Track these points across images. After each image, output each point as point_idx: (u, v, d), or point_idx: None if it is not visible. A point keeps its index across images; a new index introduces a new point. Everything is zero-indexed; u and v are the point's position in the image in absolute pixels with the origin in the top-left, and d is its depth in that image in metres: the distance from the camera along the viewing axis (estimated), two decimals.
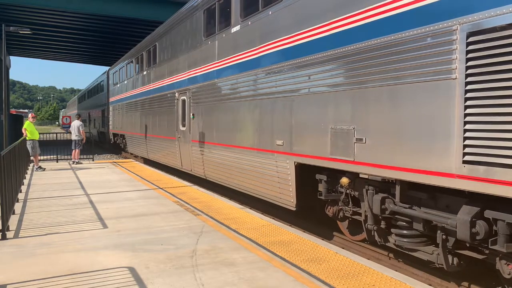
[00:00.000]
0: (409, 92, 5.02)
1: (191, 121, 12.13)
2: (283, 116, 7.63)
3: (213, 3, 10.40)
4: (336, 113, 6.27)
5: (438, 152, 4.65)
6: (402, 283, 4.47)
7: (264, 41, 8.18)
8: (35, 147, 14.78)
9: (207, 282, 4.53)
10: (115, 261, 5.25)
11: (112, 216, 7.71)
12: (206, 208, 8.39)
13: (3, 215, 6.46)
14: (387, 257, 6.50)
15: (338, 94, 6.21)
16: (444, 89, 4.59)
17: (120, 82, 23.46)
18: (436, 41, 4.64)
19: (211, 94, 10.80)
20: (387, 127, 5.35)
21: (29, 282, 4.55)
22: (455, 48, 4.46)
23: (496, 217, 4.38)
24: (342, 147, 6.09)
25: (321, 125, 6.57)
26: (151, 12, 26.85)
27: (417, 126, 4.95)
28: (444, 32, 4.54)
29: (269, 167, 8.10)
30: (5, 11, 26.87)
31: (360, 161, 5.78)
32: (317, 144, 6.67)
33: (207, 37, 10.98)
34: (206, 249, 5.71)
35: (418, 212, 5.26)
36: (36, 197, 9.68)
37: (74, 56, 49.91)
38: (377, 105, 5.50)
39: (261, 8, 8.28)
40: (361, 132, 5.77)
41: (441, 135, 4.62)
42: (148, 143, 17.20)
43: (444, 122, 4.59)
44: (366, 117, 5.70)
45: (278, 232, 6.55)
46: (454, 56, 4.47)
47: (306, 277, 4.67)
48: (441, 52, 4.59)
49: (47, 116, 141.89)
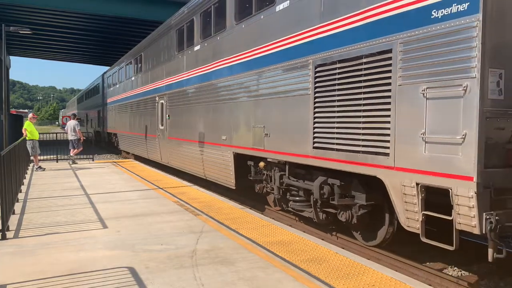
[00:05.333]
0: (290, 102, 7.44)
1: (167, 121, 14.47)
2: (226, 117, 9.95)
3: (182, 24, 12.79)
4: (255, 116, 8.67)
5: (303, 141, 7.04)
6: (402, 283, 4.47)
7: (214, 59, 10.57)
8: (35, 147, 14.78)
9: (207, 282, 4.53)
10: (115, 261, 5.25)
11: (112, 216, 7.71)
12: (206, 208, 8.39)
13: (3, 215, 6.46)
14: (387, 257, 6.51)
15: (256, 102, 8.64)
16: (306, 101, 6.98)
17: (113, 86, 25.63)
18: (301, 70, 7.16)
19: (180, 99, 13.23)
20: (280, 126, 7.80)
21: (29, 282, 4.55)
22: (310, 74, 6.86)
23: (333, 183, 6.65)
24: (258, 140, 8.52)
25: (247, 124, 8.96)
26: (151, 12, 26.85)
27: (294, 125, 7.34)
28: (304, 65, 7.04)
29: (217, 157, 10.43)
30: (5, 11, 26.87)
31: (267, 149, 8.22)
32: (246, 138, 9.02)
33: (178, 52, 13.37)
34: (206, 249, 5.71)
35: (299, 183, 7.56)
36: (36, 197, 9.68)
37: (74, 56, 49.94)
38: (275, 110, 7.95)
39: (213, 34, 10.57)
40: (267, 129, 8.21)
41: (304, 131, 7.02)
42: (136, 141, 19.41)
43: (305, 123, 6.97)
44: (269, 119, 8.14)
45: (278, 232, 6.55)
46: (309, 79, 6.88)
47: (306, 277, 4.67)
48: (303, 76, 7.07)
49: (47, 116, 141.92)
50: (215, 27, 10.45)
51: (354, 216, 6.48)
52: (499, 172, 4.60)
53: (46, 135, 22.02)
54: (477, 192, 4.39)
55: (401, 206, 5.31)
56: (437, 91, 4.79)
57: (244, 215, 7.80)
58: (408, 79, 5.14)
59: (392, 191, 5.41)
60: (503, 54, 4.56)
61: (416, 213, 5.09)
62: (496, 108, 4.56)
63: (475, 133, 4.41)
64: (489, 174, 4.50)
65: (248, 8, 8.83)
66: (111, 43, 38.25)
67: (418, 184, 5.01)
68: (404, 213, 5.27)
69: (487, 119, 4.47)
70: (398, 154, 5.28)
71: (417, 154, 5.00)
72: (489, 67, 4.47)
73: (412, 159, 5.06)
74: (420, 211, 5.02)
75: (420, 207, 5.03)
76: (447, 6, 4.69)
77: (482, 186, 4.43)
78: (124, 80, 22.25)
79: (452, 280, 5.53)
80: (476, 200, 4.41)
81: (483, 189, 4.43)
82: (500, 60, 4.54)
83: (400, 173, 5.24)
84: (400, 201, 5.30)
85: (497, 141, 4.62)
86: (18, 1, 24.81)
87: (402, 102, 5.21)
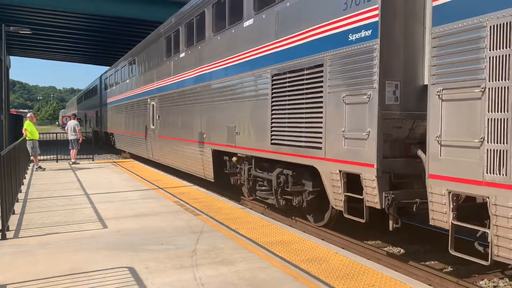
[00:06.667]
0: (254, 105, 8.69)
1: (157, 122, 15.72)
2: (206, 118, 11.22)
3: (170, 33, 14.05)
4: (228, 116, 9.86)
5: (264, 138, 8.26)
6: (402, 283, 4.47)
7: (196, 65, 11.81)
8: (35, 147, 14.78)
9: (207, 282, 4.53)
10: (115, 261, 5.25)
11: (112, 216, 7.71)
12: (206, 208, 8.39)
13: (3, 215, 6.46)
14: (387, 257, 6.51)
15: (228, 104, 9.86)
16: (265, 104, 8.23)
17: (110, 87, 26.89)
18: (262, 78, 8.37)
19: (168, 101, 14.49)
20: (247, 125, 8.99)
21: (29, 282, 4.56)
22: (268, 82, 8.10)
23: (287, 173, 7.84)
24: (231, 138, 9.66)
25: (222, 123, 10.16)
26: (151, 12, 26.81)
27: (257, 124, 8.57)
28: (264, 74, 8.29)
29: (199, 153, 11.69)
30: (5, 11, 26.85)
31: (238, 146, 9.36)
32: (221, 136, 10.20)
33: (167, 58, 14.58)
34: (206, 249, 5.71)
35: (263, 175, 8.67)
36: (36, 197, 9.69)
37: (74, 56, 49.90)
38: (243, 112, 9.15)
39: (195, 43, 11.86)
40: (238, 128, 9.36)
41: (264, 129, 8.25)
42: (130, 140, 20.65)
43: (265, 123, 8.21)
44: (239, 119, 9.33)
45: (278, 232, 6.55)
46: (268, 86, 8.13)
47: (306, 277, 4.67)
48: (262, 85, 8.39)
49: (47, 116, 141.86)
50: (197, 37, 11.71)
51: (304, 201, 7.67)
52: (398, 161, 5.83)
53: (46, 135, 22.00)
54: (377, 176, 5.60)
55: (330, 190, 6.56)
56: (351, 98, 6.05)
57: (244, 215, 7.80)
58: (333, 88, 6.40)
59: (324, 177, 6.67)
60: (398, 70, 5.74)
61: (340, 195, 6.31)
62: (392, 111, 5.72)
63: (375, 131, 5.61)
64: (389, 162, 5.72)
65: (223, 22, 10.05)
66: (111, 43, 38.21)
67: (340, 171, 6.26)
68: (332, 195, 6.51)
69: (385, 120, 5.65)
70: (327, 148, 6.55)
71: (339, 147, 6.27)
72: (386, 79, 5.64)
73: (336, 151, 6.33)
74: (343, 193, 6.25)
75: (342, 190, 6.26)
76: (358, 31, 5.91)
77: (381, 171, 5.62)
78: (119, 82, 23.50)
79: (452, 280, 5.53)
80: (376, 183, 5.61)
81: (383, 174, 5.63)
82: (396, 74, 5.72)
83: (329, 163, 6.50)
84: (330, 185, 6.54)
85: (397, 137, 5.85)
86: (18, 1, 24.79)
87: (330, 106, 6.47)
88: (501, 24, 4.17)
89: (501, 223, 4.24)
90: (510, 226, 4.16)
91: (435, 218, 4.97)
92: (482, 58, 4.35)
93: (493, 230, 4.32)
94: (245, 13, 8.91)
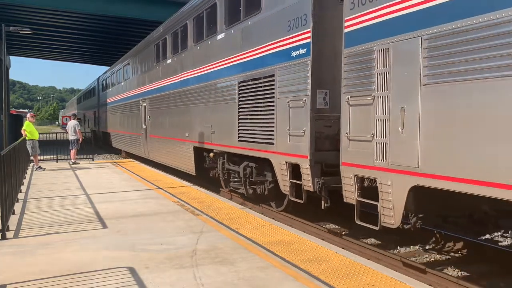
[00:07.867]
0: (225, 107, 10.02)
1: (148, 122, 17.22)
2: (188, 118, 12.60)
3: (158, 41, 15.57)
4: (205, 117, 11.31)
5: (233, 136, 9.56)
6: (402, 283, 4.47)
7: (181, 71, 13.18)
8: (35, 147, 14.77)
9: (207, 282, 4.53)
10: (115, 261, 5.25)
11: (112, 216, 7.71)
12: (206, 208, 8.39)
13: (3, 215, 6.45)
14: (387, 257, 6.51)
15: (206, 106, 11.27)
16: (234, 107, 9.55)
17: (106, 89, 28.21)
18: (231, 85, 9.72)
19: (157, 103, 15.98)
20: (220, 124, 10.35)
21: (29, 282, 4.55)
22: (236, 88, 9.47)
23: (251, 165, 9.22)
24: (208, 136, 11.07)
25: (201, 123, 11.56)
26: (151, 13, 26.82)
27: (227, 124, 9.87)
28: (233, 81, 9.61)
29: (183, 150, 13.09)
30: (5, 11, 26.85)
31: (214, 143, 10.75)
32: (200, 135, 11.59)
33: (156, 62, 16.03)
34: (206, 249, 5.71)
35: (234, 167, 9.97)
36: (36, 197, 9.68)
37: (74, 56, 49.90)
38: (217, 113, 10.54)
39: (179, 51, 13.22)
40: (213, 127, 10.76)
41: (233, 128, 9.55)
42: (125, 139, 21.99)
43: (234, 122, 9.52)
44: (214, 119, 10.73)
45: (278, 232, 6.55)
46: (236, 91, 9.50)
47: (306, 277, 4.67)
48: (231, 90, 9.69)
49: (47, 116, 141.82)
50: (181, 45, 13.10)
51: (266, 189, 8.94)
52: (329, 154, 7.10)
53: (46, 135, 22.00)
54: (310, 165, 7.03)
55: (280, 178, 8.00)
56: (293, 103, 7.44)
57: (244, 215, 7.80)
58: (282, 94, 7.78)
59: (276, 168, 8.08)
60: (327, 81, 7.16)
61: (287, 181, 7.74)
62: (323, 114, 7.17)
63: (309, 130, 7.04)
64: (321, 154, 7.11)
65: (201, 34, 11.46)
66: (111, 43, 38.21)
67: (287, 162, 7.68)
68: (282, 182, 7.96)
69: (316, 120, 7.08)
70: (278, 143, 7.94)
71: (286, 142, 7.66)
72: (317, 88, 7.09)
73: (284, 146, 7.73)
74: (289, 180, 7.68)
75: (288, 177, 7.69)
76: (297, 49, 7.30)
77: (314, 161, 7.05)
78: (115, 84, 24.93)
79: (452, 280, 5.53)
80: (310, 171, 7.04)
81: (315, 163, 7.06)
82: (325, 84, 7.17)
83: (279, 156, 7.91)
84: (280, 174, 7.98)
85: (328, 134, 7.23)
86: (18, 1, 24.80)
87: (279, 109, 7.87)
88: (384, 49, 5.51)
89: (384, 197, 5.52)
90: (389, 199, 5.44)
91: (347, 196, 6.23)
92: (373, 73, 5.68)
93: (380, 203, 5.60)
94: (218, 28, 10.33)
